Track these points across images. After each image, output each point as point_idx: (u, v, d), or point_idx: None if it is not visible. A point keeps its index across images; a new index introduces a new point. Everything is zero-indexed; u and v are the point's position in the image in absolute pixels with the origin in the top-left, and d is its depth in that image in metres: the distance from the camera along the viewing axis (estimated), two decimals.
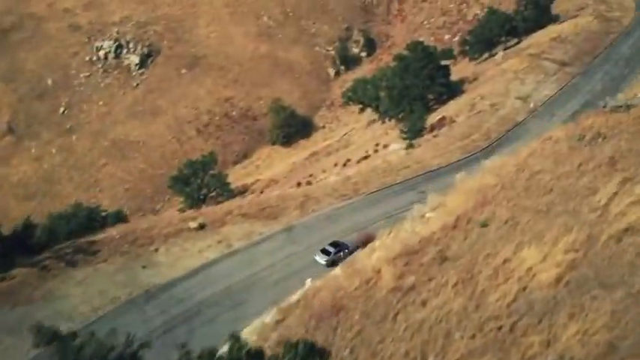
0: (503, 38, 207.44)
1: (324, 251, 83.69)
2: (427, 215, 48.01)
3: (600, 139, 46.52)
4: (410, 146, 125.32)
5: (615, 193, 34.76)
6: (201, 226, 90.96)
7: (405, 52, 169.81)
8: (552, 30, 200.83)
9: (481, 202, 40.41)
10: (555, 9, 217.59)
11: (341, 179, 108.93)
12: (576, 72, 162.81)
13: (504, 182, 43.34)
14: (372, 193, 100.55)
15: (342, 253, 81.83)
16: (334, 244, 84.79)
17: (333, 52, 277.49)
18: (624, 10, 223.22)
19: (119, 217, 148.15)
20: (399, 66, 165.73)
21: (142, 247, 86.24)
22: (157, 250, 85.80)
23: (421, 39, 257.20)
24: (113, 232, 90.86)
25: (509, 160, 50.00)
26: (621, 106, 52.21)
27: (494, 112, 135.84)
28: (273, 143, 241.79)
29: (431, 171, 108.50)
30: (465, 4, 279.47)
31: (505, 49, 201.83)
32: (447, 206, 45.64)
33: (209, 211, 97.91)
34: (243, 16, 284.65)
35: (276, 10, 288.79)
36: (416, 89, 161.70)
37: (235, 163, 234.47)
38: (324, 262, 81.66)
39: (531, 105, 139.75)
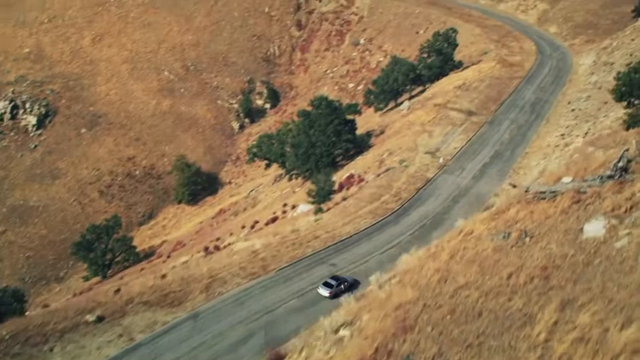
0: (407, 87, 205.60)
1: (327, 284, 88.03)
2: (341, 333, 43.20)
3: (528, 239, 42.27)
4: (319, 211, 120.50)
5: (555, 323, 30.41)
6: (100, 319, 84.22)
7: (310, 108, 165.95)
8: (457, 77, 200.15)
9: (402, 326, 35.60)
10: (458, 55, 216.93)
11: (248, 254, 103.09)
12: (483, 121, 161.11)
13: (426, 297, 38.62)
14: (281, 269, 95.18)
15: (342, 286, 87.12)
16: (335, 278, 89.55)
17: (236, 105, 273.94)
18: (525, 53, 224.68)
19: (16, 296, 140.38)
20: (304, 122, 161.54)
21: (36, 347, 78.96)
22: (51, 349, 78.58)
23: (325, 88, 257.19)
24: (3, 331, 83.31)
25: (428, 263, 45.39)
26: (545, 192, 48.23)
27: (404, 170, 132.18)
28: (179, 202, 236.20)
29: (341, 240, 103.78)
30: (367, 52, 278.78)
31: (410, 98, 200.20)
32: (363, 322, 40.82)
33: (108, 300, 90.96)
34: (143, 72, 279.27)
35: (177, 65, 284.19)
36: (322, 146, 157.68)
37: (141, 224, 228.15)
38: (327, 295, 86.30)
39: (441, 160, 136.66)
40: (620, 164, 44.60)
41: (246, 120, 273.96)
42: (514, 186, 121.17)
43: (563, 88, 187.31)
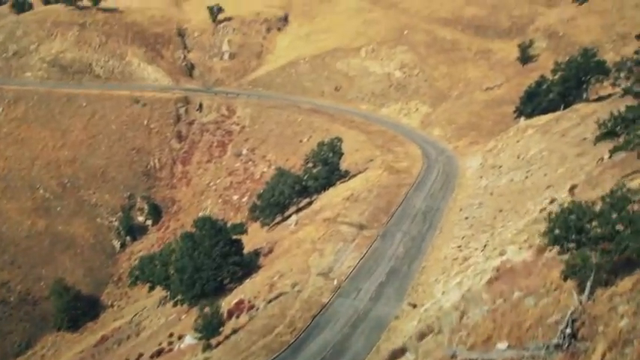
0: (294, 199, 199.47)
1: None
2: None
3: None
4: (207, 348, 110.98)
5: None
6: None
7: (193, 229, 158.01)
8: (344, 187, 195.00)
9: None
10: (344, 163, 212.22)
11: None
12: (375, 234, 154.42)
13: None
14: None
15: None
16: None
17: (116, 223, 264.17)
18: (411, 159, 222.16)
19: None
20: (187, 245, 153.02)
21: None
22: None
23: (208, 201, 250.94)
24: None
25: None
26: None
27: (297, 295, 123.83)
28: (59, 329, 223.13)
29: None
30: (250, 162, 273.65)
31: (298, 211, 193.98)
32: None
33: None
34: (16, 191, 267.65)
35: (53, 182, 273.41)
36: (208, 270, 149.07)
37: (17, 355, 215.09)
38: None
39: (335, 281, 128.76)
40: (569, 330, 37.53)
41: (128, 238, 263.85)
42: (414, 306, 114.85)
43: (453, 193, 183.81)
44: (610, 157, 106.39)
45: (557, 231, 54.50)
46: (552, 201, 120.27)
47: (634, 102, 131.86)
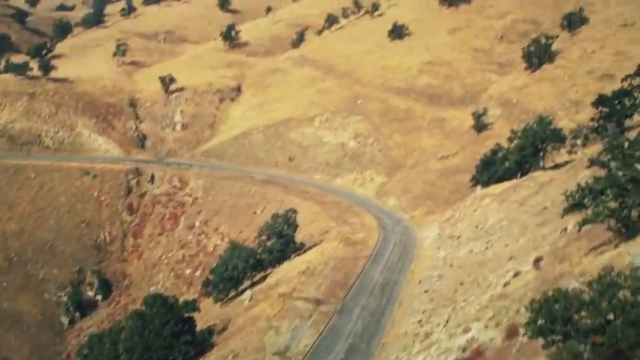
0: (248, 274, 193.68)
1: None
2: None
3: None
4: None
5: None
6: None
7: (143, 308, 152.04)
8: (300, 261, 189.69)
9: None
10: (299, 235, 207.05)
11: None
12: (332, 310, 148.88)
13: None
14: None
15: None
16: None
17: (65, 298, 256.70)
18: (367, 230, 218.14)
19: None
20: (137, 324, 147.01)
21: None
22: None
23: (160, 275, 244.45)
24: None
25: None
26: None
27: None
28: None
29: None
30: (203, 235, 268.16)
31: (252, 286, 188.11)
32: None
33: None
34: None
35: None
36: (159, 350, 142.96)
37: None
38: None
39: None
40: None
41: (77, 314, 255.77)
42: None
43: (411, 265, 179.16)
44: (579, 230, 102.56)
45: (541, 322, 49.87)
46: (516, 274, 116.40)
47: (599, 172, 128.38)
